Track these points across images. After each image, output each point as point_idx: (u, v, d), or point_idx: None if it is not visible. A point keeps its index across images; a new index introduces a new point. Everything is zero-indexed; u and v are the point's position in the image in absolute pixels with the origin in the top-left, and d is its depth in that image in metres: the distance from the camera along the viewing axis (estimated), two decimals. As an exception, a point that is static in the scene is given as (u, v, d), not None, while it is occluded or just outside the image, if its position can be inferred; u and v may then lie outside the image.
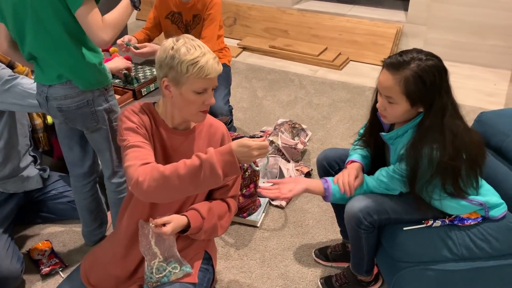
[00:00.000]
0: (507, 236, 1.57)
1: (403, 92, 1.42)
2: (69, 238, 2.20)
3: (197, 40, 1.33)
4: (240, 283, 1.96)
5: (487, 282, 1.62)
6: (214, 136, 1.49)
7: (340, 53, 4.15)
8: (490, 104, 3.37)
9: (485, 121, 2.04)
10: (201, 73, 1.28)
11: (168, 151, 1.44)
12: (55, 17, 1.50)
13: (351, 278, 1.84)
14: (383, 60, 1.49)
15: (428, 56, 1.42)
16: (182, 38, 1.32)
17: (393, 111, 1.48)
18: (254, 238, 2.20)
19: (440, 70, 1.41)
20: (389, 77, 1.43)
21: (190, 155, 1.41)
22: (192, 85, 1.31)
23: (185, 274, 1.43)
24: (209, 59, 1.29)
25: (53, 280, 1.98)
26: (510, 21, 3.71)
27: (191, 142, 1.46)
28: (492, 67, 3.92)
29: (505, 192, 1.68)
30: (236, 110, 3.31)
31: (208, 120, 1.51)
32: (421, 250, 1.58)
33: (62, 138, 1.87)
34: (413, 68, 1.39)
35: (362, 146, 1.75)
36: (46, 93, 1.65)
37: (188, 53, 1.28)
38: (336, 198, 1.62)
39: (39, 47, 1.57)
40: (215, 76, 1.32)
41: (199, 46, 1.30)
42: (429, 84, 1.39)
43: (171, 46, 1.30)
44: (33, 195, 2.19)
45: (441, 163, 1.43)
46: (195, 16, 2.53)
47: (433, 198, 1.53)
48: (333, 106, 3.39)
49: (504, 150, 1.89)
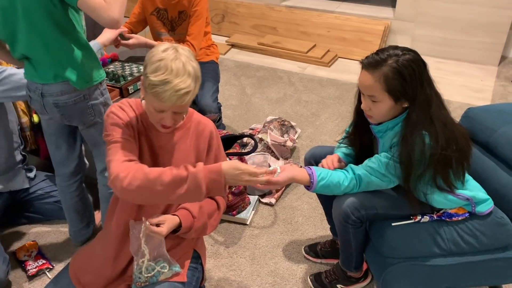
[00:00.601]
0: (494, 230, 1.58)
1: (384, 89, 1.43)
2: (56, 239, 2.17)
3: (180, 60, 1.23)
4: (230, 281, 1.95)
5: (475, 276, 1.64)
6: (202, 134, 1.47)
7: (329, 50, 4.16)
8: (477, 100, 3.40)
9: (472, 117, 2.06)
10: (157, 97, 1.22)
11: (155, 149, 1.42)
12: (47, 19, 1.49)
13: (340, 275, 1.85)
14: (361, 61, 1.49)
15: (404, 51, 1.43)
16: (171, 50, 1.24)
17: (378, 110, 1.48)
18: (243, 236, 2.19)
19: (417, 63, 1.42)
20: (368, 76, 1.44)
21: (178, 153, 1.40)
22: (151, 102, 1.27)
23: (174, 274, 1.42)
24: (171, 89, 1.20)
25: (40, 281, 1.95)
26: (496, 18, 3.75)
27: (178, 139, 1.44)
28: (479, 63, 3.96)
29: (492, 187, 1.69)
30: (225, 108, 3.30)
31: (197, 117, 1.49)
32: (410, 246, 1.58)
33: (49, 136, 1.85)
34: (391, 64, 1.40)
35: (347, 145, 1.75)
36: (41, 90, 1.63)
37: (155, 72, 1.21)
38: (320, 186, 1.54)
39: (34, 49, 1.56)
40: (170, 106, 1.24)
41: (172, 70, 1.21)
42: (408, 78, 1.40)
43: (154, 53, 1.24)
44: (19, 195, 2.16)
45: (434, 154, 1.43)
46: (181, 12, 2.51)
47: (423, 192, 1.52)
48: (322, 103, 3.39)
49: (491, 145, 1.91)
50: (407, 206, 1.59)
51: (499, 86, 3.61)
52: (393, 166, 1.49)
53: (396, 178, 1.52)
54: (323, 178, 1.54)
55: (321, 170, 1.57)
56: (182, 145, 1.44)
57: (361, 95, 1.54)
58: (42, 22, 1.49)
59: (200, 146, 1.46)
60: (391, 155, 1.49)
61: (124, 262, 1.46)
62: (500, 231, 1.59)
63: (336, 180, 1.54)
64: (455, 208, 1.59)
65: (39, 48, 1.55)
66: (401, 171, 1.48)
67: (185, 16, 2.51)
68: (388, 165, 1.50)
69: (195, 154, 1.45)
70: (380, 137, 1.57)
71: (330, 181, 1.54)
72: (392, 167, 1.49)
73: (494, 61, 3.92)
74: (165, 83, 1.20)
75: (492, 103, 3.07)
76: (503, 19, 3.73)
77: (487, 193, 1.63)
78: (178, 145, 1.43)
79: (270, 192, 2.41)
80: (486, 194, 1.62)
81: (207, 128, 1.48)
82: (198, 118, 1.49)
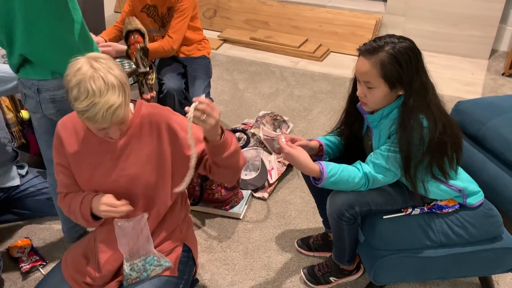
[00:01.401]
0: (483, 222, 1.60)
1: (380, 75, 1.44)
2: (49, 235, 2.17)
3: (99, 76, 1.15)
4: (224, 275, 1.96)
5: (465, 267, 1.66)
6: (158, 125, 1.39)
7: (321, 44, 4.16)
8: (467, 93, 3.42)
9: (462, 110, 2.08)
10: (90, 121, 1.18)
11: (107, 154, 1.39)
12: (48, 13, 1.48)
13: (333, 267, 1.87)
14: (358, 48, 1.50)
15: (400, 39, 1.45)
16: (86, 66, 1.16)
17: (373, 96, 1.49)
18: (237, 230, 2.20)
19: (414, 51, 1.44)
20: (365, 62, 1.45)
21: (133, 153, 1.38)
22: (89, 125, 1.24)
23: (165, 269, 1.43)
24: (100, 110, 1.15)
25: (33, 278, 1.95)
26: (486, 11, 3.77)
27: (128, 141, 1.38)
28: (470, 57, 3.98)
29: (482, 180, 1.72)
30: (218, 103, 3.30)
31: (145, 110, 1.39)
32: (400, 238, 1.60)
33: (40, 134, 1.84)
34: (388, 50, 1.42)
35: (339, 135, 1.76)
36: (37, 85, 1.62)
37: (78, 98, 1.15)
38: (329, 182, 1.52)
39: (34, 48, 1.55)
40: (108, 124, 1.20)
41: (94, 92, 1.14)
42: (404, 64, 1.42)
43: (70, 76, 1.18)
44: (11, 192, 2.15)
45: (432, 138, 1.44)
46: (170, 8, 2.50)
47: (421, 181, 1.52)
48: (314, 97, 3.40)
49: (480, 138, 1.93)
50: (400, 201, 1.61)
51: (489, 79, 3.64)
52: (394, 157, 1.48)
53: (398, 170, 1.50)
54: (333, 175, 1.51)
55: (332, 165, 1.53)
56: (135, 144, 1.39)
57: (357, 82, 1.54)
58: (42, 18, 1.48)
59: (161, 138, 1.39)
60: (389, 145, 1.49)
61: (116, 262, 1.45)
62: (488, 223, 1.61)
63: (346, 178, 1.52)
64: (445, 200, 1.61)
65: (39, 47, 1.54)
66: (401, 159, 1.47)
67: (174, 12, 2.50)
68: (389, 157, 1.49)
69: (155, 149, 1.39)
70: (375, 126, 1.56)
71: (339, 178, 1.52)
72: (393, 158, 1.49)
73: (485, 55, 3.95)
74: (92, 106, 1.15)
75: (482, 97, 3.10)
76: (493, 13, 3.76)
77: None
78: (131, 145, 1.39)
79: (263, 187, 2.42)
80: (478, 186, 1.64)
81: (162, 118, 1.39)
82: (148, 110, 1.40)
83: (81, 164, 1.39)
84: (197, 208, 2.30)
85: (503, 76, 3.68)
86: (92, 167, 1.39)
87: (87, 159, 1.39)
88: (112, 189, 1.39)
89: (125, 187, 1.40)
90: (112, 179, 1.39)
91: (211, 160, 1.37)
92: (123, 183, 1.39)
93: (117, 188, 1.40)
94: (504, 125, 1.88)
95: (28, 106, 1.73)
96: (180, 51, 2.66)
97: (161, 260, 1.42)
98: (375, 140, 1.57)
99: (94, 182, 1.40)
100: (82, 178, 1.41)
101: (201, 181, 2.21)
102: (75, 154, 1.39)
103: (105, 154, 1.38)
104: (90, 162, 1.39)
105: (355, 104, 1.62)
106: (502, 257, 1.64)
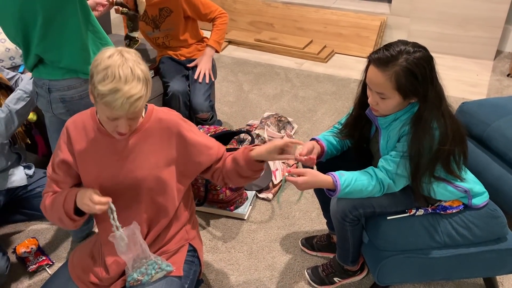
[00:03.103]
0: (488, 223, 1.60)
1: (394, 88, 1.41)
2: (55, 235, 2.19)
3: (126, 69, 1.19)
4: (228, 275, 1.97)
5: (469, 268, 1.66)
6: (168, 131, 1.42)
7: (325, 45, 4.17)
8: (472, 94, 3.42)
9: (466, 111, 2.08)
10: (108, 107, 1.20)
11: (114, 155, 1.40)
12: (63, 10, 1.50)
13: (337, 268, 1.87)
14: (368, 56, 1.47)
15: (415, 48, 1.40)
16: (116, 55, 1.20)
17: (386, 105, 1.47)
18: (241, 230, 2.21)
19: (428, 61, 1.40)
20: (378, 74, 1.41)
21: (139, 156, 1.40)
22: (103, 111, 1.24)
23: (167, 273, 1.43)
24: (121, 97, 1.17)
25: (40, 277, 1.97)
26: (492, 13, 3.76)
27: (137, 142, 1.40)
28: (475, 58, 3.97)
29: (486, 181, 1.71)
30: (222, 104, 3.32)
31: (157, 114, 1.42)
32: (404, 239, 1.60)
33: (52, 133, 1.87)
34: (402, 63, 1.38)
35: (344, 138, 1.75)
36: (48, 85, 1.66)
37: (102, 81, 1.18)
38: (344, 193, 1.53)
39: (48, 47, 1.57)
40: (123, 114, 1.22)
41: (118, 78, 1.17)
42: (420, 77, 1.39)
43: (99, 61, 1.20)
44: (18, 192, 2.17)
45: (443, 150, 1.44)
46: (162, 9, 2.52)
47: (426, 184, 1.52)
48: (318, 98, 3.41)
49: (485, 139, 1.93)
50: (404, 203, 1.61)
51: (494, 80, 3.63)
52: (403, 163, 1.49)
53: (407, 175, 1.50)
54: (347, 186, 1.51)
55: (345, 176, 1.53)
56: (143, 147, 1.40)
57: (368, 89, 1.51)
58: (64, 11, 1.51)
59: (170, 144, 1.42)
60: (400, 151, 1.48)
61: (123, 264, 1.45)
62: (493, 224, 1.61)
63: (360, 187, 1.52)
64: (450, 200, 1.61)
65: (55, 44, 1.56)
66: (410, 167, 1.48)
67: (167, 12, 2.52)
68: (400, 164, 1.49)
69: (163, 155, 1.42)
70: (384, 128, 1.56)
71: (353, 188, 1.52)
72: (403, 164, 1.49)
73: (490, 56, 3.94)
74: (115, 91, 1.17)
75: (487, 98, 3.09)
76: (499, 14, 3.75)
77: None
78: (139, 148, 1.40)
79: (267, 188, 2.43)
80: (483, 187, 1.63)
81: (172, 123, 1.42)
82: (159, 115, 1.43)
83: (88, 163, 1.41)
84: (202, 209, 2.32)
85: (508, 77, 3.67)
86: (99, 167, 1.40)
87: (94, 159, 1.40)
88: (118, 190, 1.41)
89: (130, 189, 1.41)
90: (119, 180, 1.40)
91: (236, 169, 1.45)
92: (129, 185, 1.41)
93: (123, 190, 1.41)
94: (508, 126, 1.88)
95: (40, 105, 1.77)
96: (180, 55, 2.68)
97: (162, 265, 1.42)
98: (383, 140, 1.56)
99: (100, 182, 1.41)
100: (89, 177, 1.42)
101: (205, 182, 2.22)
102: (82, 153, 1.40)
103: (113, 155, 1.40)
104: (97, 162, 1.40)
105: (364, 108, 1.60)
106: (506, 258, 1.64)
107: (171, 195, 1.46)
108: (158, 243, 1.49)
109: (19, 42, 1.61)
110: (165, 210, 1.46)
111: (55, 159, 1.45)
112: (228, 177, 1.49)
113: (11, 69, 2.53)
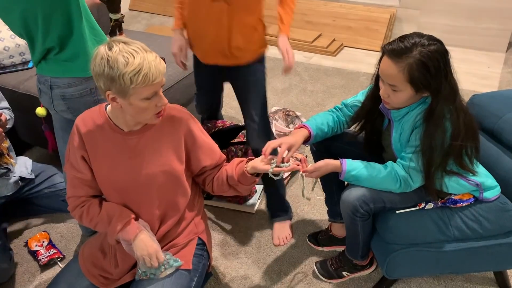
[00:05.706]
0: (498, 216, 1.59)
1: (407, 80, 1.39)
2: (66, 229, 2.22)
3: (131, 43, 1.23)
4: (237, 268, 1.98)
5: (478, 262, 1.65)
6: (179, 130, 1.44)
7: (334, 39, 4.14)
8: (484, 87, 3.38)
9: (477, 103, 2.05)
10: (147, 80, 1.21)
11: (126, 153, 1.41)
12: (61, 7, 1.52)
13: (346, 262, 1.87)
14: (383, 47, 1.45)
15: (430, 41, 1.38)
16: (115, 45, 1.21)
17: (397, 98, 1.45)
18: (250, 224, 2.22)
19: (443, 54, 1.38)
20: (391, 65, 1.39)
21: (153, 154, 1.40)
22: (141, 94, 1.24)
23: (176, 269, 1.44)
24: (151, 63, 1.21)
25: (51, 270, 2.00)
26: (503, 4, 3.70)
27: (150, 140, 1.41)
28: (486, 50, 3.92)
29: (497, 174, 1.69)
30: (231, 99, 3.31)
31: (168, 112, 1.44)
32: (413, 232, 1.60)
33: (57, 130, 1.88)
34: (416, 56, 1.36)
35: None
36: (49, 82, 1.67)
37: (127, 62, 1.19)
38: (351, 175, 1.55)
39: (52, 43, 1.58)
40: (162, 78, 1.26)
41: (135, 51, 1.20)
42: (433, 70, 1.36)
43: (106, 58, 1.20)
44: (24, 192, 2.18)
45: (455, 145, 1.43)
46: None
47: (438, 179, 1.51)
48: (327, 92, 3.39)
49: (496, 132, 1.90)
50: (415, 199, 1.59)
51: (506, 73, 3.58)
52: (416, 157, 1.47)
53: (421, 170, 1.49)
54: (354, 168, 1.53)
55: (355, 161, 1.55)
56: (155, 144, 1.41)
57: (380, 81, 1.49)
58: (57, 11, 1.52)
59: (180, 141, 1.44)
60: (413, 148, 1.47)
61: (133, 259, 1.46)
62: (503, 217, 1.59)
63: (368, 172, 1.53)
64: (460, 194, 1.60)
65: (58, 37, 1.58)
66: (423, 161, 1.46)
67: None
68: (413, 158, 1.48)
69: (174, 152, 1.43)
70: (397, 120, 1.54)
71: (361, 172, 1.52)
72: (416, 159, 1.47)
73: (502, 48, 3.88)
74: (144, 60, 1.20)
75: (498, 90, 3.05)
76: (511, 5, 3.69)
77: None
78: (150, 145, 1.41)
79: (276, 182, 2.43)
80: (495, 181, 1.62)
81: (183, 123, 1.44)
82: (170, 113, 1.44)
83: (100, 160, 1.41)
84: (211, 203, 2.32)
85: (520, 69, 3.62)
86: (110, 164, 1.41)
87: (106, 156, 1.41)
88: (130, 187, 1.42)
89: (142, 186, 1.42)
90: (131, 177, 1.41)
91: (226, 180, 1.48)
92: (141, 182, 1.41)
93: (134, 187, 1.42)
94: (520, 119, 1.85)
95: (43, 101, 1.78)
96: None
97: (170, 261, 1.43)
98: (396, 133, 1.55)
99: (112, 179, 1.42)
100: (102, 174, 1.43)
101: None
102: (94, 150, 1.41)
103: (124, 152, 1.40)
104: (109, 159, 1.41)
105: (376, 101, 1.58)
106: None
107: (182, 191, 1.47)
108: (168, 238, 1.50)
109: (26, 39, 1.63)
110: (176, 205, 1.48)
111: (72, 157, 1.45)
112: (218, 186, 1.52)
113: (21, 64, 2.55)
